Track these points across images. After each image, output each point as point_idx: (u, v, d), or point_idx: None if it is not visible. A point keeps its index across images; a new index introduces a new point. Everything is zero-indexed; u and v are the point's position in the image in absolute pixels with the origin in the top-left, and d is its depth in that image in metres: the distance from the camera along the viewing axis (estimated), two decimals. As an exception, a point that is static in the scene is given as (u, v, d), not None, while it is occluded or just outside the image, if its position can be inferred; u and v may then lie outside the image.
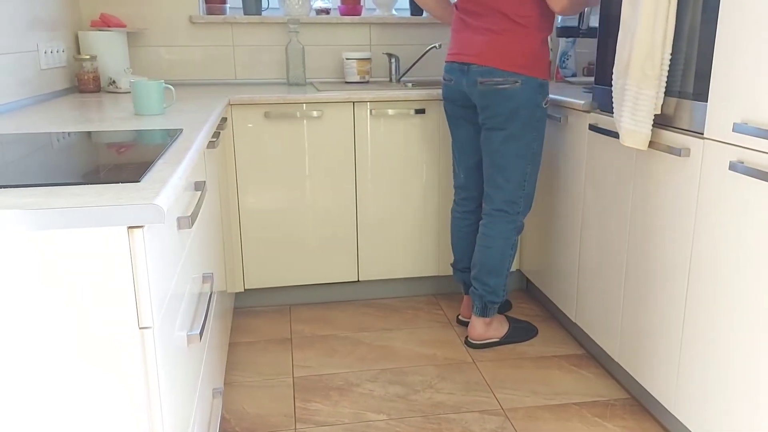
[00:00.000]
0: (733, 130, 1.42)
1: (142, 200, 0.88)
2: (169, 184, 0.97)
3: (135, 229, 0.89)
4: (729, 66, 1.45)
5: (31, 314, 0.89)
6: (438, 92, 2.49)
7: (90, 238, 0.87)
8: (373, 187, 2.57)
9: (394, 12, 3.01)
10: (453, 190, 2.66)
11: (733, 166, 1.42)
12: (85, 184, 0.97)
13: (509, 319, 2.41)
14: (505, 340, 2.34)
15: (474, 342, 2.32)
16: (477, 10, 2.08)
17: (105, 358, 0.92)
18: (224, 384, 2.08)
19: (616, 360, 2.00)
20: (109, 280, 0.89)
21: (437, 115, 2.54)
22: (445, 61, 2.22)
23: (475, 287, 2.25)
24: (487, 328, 2.31)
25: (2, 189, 0.94)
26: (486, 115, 2.11)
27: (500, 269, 2.22)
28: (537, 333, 2.42)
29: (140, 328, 0.92)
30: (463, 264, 2.41)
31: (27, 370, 0.91)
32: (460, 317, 2.52)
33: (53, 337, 0.90)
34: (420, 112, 2.52)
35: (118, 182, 0.98)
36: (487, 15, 2.06)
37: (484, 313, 2.27)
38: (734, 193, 1.44)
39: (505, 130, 2.10)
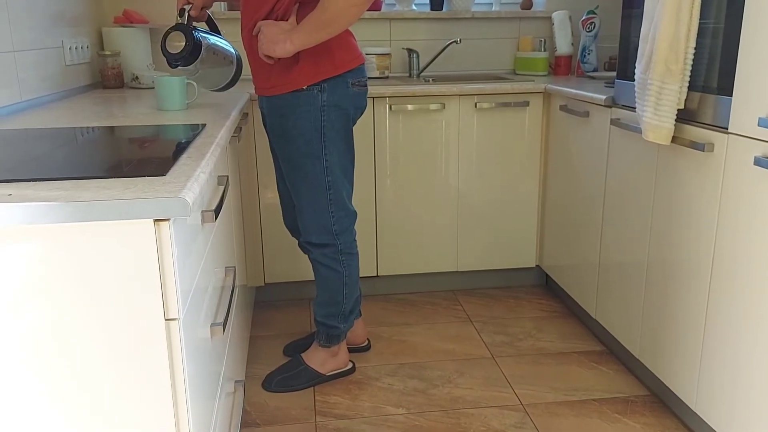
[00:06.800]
0: (758, 125, 1.40)
1: (168, 193, 0.89)
2: (195, 178, 0.98)
3: (161, 222, 0.90)
4: (754, 60, 1.43)
5: (58, 306, 0.90)
6: (458, 87, 2.49)
7: (117, 230, 0.89)
8: (392, 182, 2.57)
9: (413, 7, 3.01)
10: (471, 185, 2.66)
11: (758, 161, 1.40)
12: (111, 177, 0.98)
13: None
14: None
15: None
16: None
17: (131, 349, 0.93)
18: (245, 377, 2.10)
19: (636, 356, 1.99)
20: (136, 272, 0.90)
21: (457, 110, 2.53)
22: (359, 65, 1.86)
23: None
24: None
25: (30, 182, 0.95)
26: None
27: None
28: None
29: (166, 320, 0.93)
30: None
31: (54, 362, 0.92)
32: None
33: (80, 328, 0.91)
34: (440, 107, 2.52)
35: (144, 176, 0.99)
36: None
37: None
38: (759, 188, 1.43)
39: None
